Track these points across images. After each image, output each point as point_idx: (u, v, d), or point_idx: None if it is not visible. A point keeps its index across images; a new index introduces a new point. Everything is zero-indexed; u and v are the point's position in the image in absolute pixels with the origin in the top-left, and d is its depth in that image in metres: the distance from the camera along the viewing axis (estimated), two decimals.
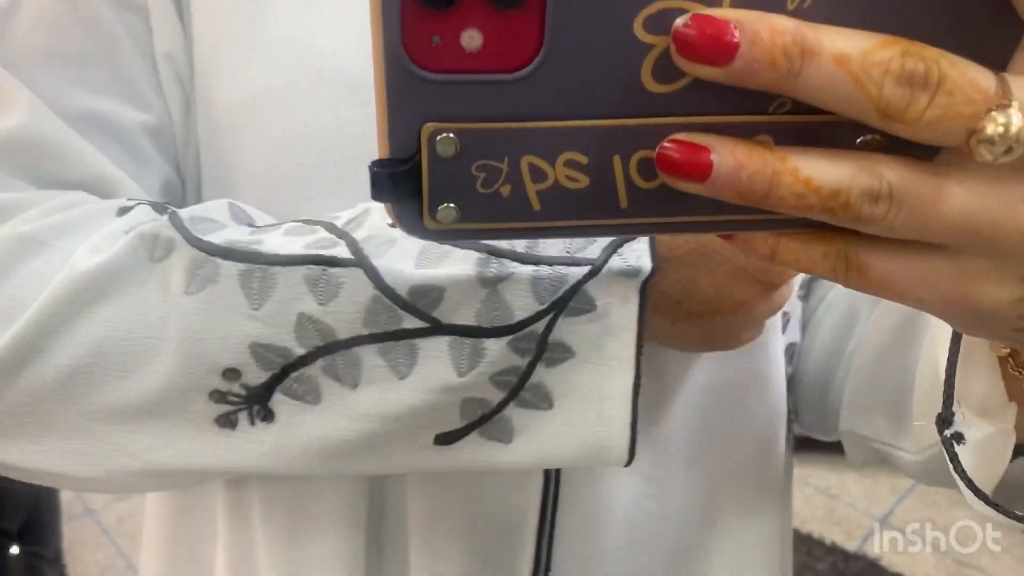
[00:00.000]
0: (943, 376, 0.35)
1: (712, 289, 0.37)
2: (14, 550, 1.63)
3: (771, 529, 0.53)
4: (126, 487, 0.38)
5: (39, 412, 0.36)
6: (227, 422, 0.37)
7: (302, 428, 0.36)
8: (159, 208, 0.39)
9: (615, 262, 0.35)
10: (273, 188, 0.43)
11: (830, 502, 2.09)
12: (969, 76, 0.20)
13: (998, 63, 0.21)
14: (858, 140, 0.22)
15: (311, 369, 0.36)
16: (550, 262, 0.35)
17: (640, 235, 0.24)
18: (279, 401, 0.36)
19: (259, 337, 0.35)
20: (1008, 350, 0.33)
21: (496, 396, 0.36)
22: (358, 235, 0.36)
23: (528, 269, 0.35)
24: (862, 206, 0.21)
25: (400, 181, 0.22)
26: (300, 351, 0.35)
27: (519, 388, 0.36)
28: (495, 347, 0.35)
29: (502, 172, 0.22)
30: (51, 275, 0.36)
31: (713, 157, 0.21)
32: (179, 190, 0.47)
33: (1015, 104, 0.20)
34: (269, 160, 0.43)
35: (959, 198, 0.22)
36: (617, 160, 0.22)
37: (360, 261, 0.35)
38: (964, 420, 0.35)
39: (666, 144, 0.22)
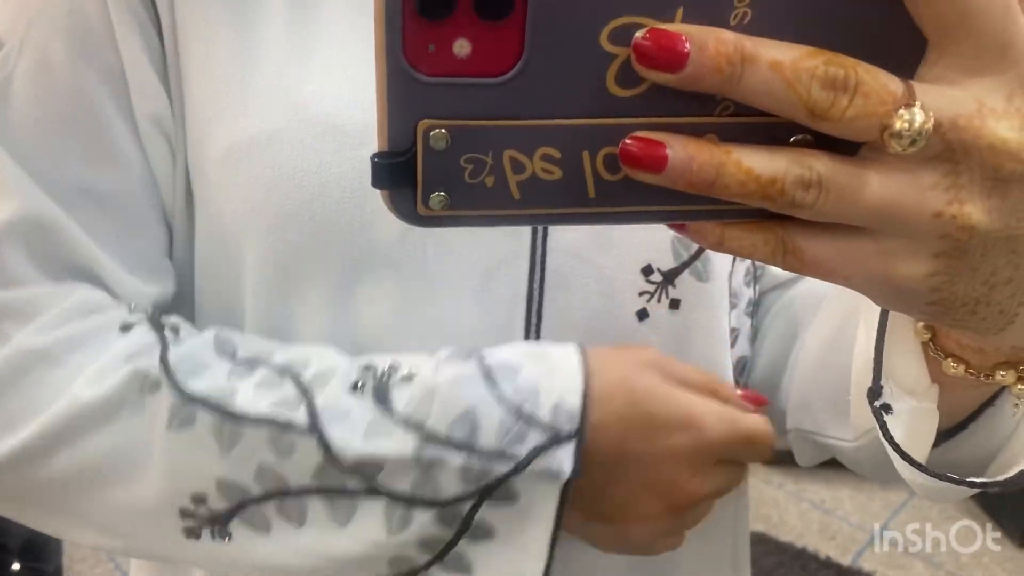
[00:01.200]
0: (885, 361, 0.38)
1: (622, 498, 0.43)
2: (15, 566, 1.64)
3: (730, 529, 0.57)
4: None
5: (44, 499, 0.45)
6: (192, 534, 0.44)
7: (254, 551, 0.44)
8: (156, 325, 0.45)
9: (540, 463, 0.40)
10: (262, 230, 0.46)
11: (825, 517, 2.11)
12: (881, 81, 0.24)
13: (907, 73, 0.25)
14: (792, 139, 0.26)
15: (264, 507, 0.43)
16: (482, 453, 0.40)
17: (606, 224, 0.27)
18: (236, 525, 0.44)
19: (224, 475, 0.42)
20: (929, 335, 0.37)
21: (422, 557, 0.43)
22: (318, 401, 0.42)
23: (460, 458, 0.41)
24: (795, 192, 0.24)
25: (397, 172, 0.25)
26: (257, 491, 0.43)
27: (443, 554, 0.42)
28: (424, 516, 0.41)
29: (487, 164, 0.25)
30: (61, 389, 0.43)
31: (668, 151, 0.24)
32: (166, 247, 0.50)
33: (918, 104, 0.24)
34: (257, 202, 0.45)
35: (877, 185, 0.25)
36: (586, 155, 0.25)
37: (314, 429, 0.41)
38: (892, 394, 0.39)
39: (628, 140, 0.25)
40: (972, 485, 0.37)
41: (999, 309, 0.28)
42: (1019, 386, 0.34)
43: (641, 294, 0.48)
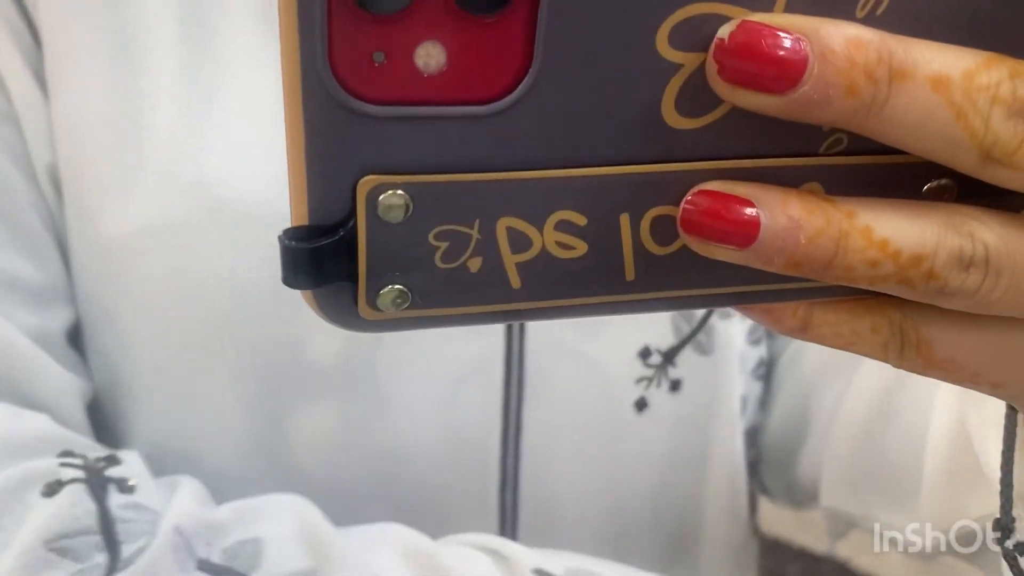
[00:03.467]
0: (986, 468, 0.29)
1: None
2: None
3: None
4: None
5: None
6: None
7: None
8: (95, 486, 0.33)
9: None
10: (160, 328, 0.39)
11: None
12: None
13: None
14: (925, 187, 0.19)
15: None
16: None
17: (644, 312, 0.19)
18: None
19: None
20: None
21: None
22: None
23: None
24: (950, 275, 0.17)
25: (325, 258, 0.17)
26: None
27: None
28: None
29: (471, 240, 0.17)
30: None
31: (759, 214, 0.17)
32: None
33: None
34: (156, 301, 0.38)
35: None
36: (625, 219, 0.18)
37: None
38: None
39: (694, 197, 0.17)
40: None
41: None
42: None
43: (639, 381, 0.41)
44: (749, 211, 0.17)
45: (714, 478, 0.45)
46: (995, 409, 0.28)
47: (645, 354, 0.41)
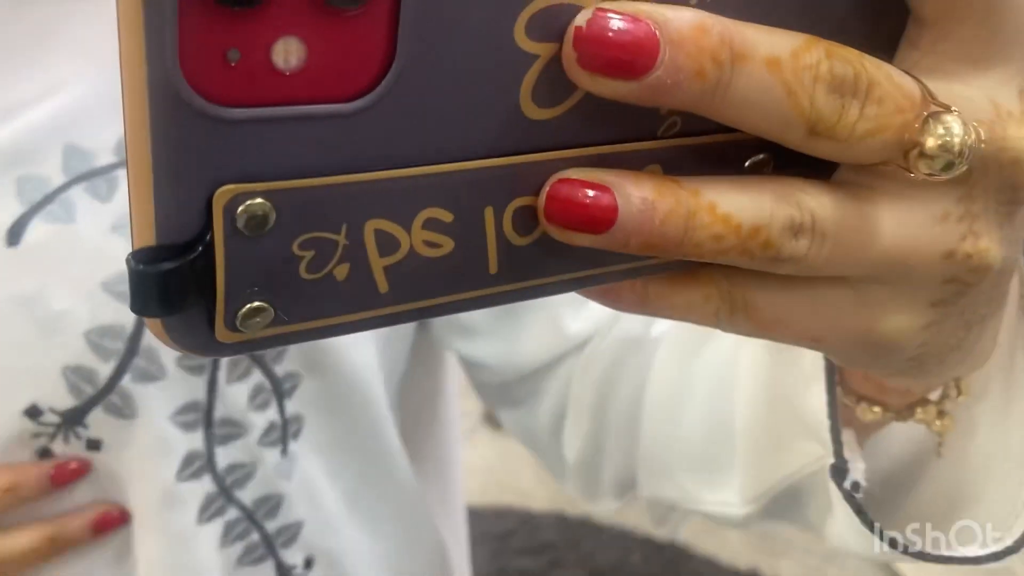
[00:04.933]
0: (808, 421, 0.32)
1: None
2: None
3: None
4: None
5: None
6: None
7: None
8: None
9: None
10: None
11: None
12: (895, 80, 0.18)
13: (885, 60, 0.19)
14: (747, 163, 0.20)
15: None
16: None
17: (504, 304, 0.19)
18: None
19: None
20: (837, 379, 0.30)
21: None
22: None
23: None
24: (784, 243, 0.18)
25: (179, 281, 0.15)
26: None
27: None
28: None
29: (338, 247, 0.17)
30: None
31: (616, 199, 0.17)
32: None
33: (954, 111, 0.18)
34: None
35: (886, 224, 0.19)
36: (490, 213, 0.18)
37: None
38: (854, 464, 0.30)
39: (555, 185, 0.18)
40: (951, 561, 0.29)
41: (965, 352, 0.23)
42: (939, 423, 0.28)
43: (36, 436, 0.39)
44: (606, 197, 0.17)
45: (154, 554, 0.41)
46: (813, 363, 0.30)
47: (34, 412, 0.38)
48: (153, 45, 0.13)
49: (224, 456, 0.41)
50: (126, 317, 0.37)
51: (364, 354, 0.44)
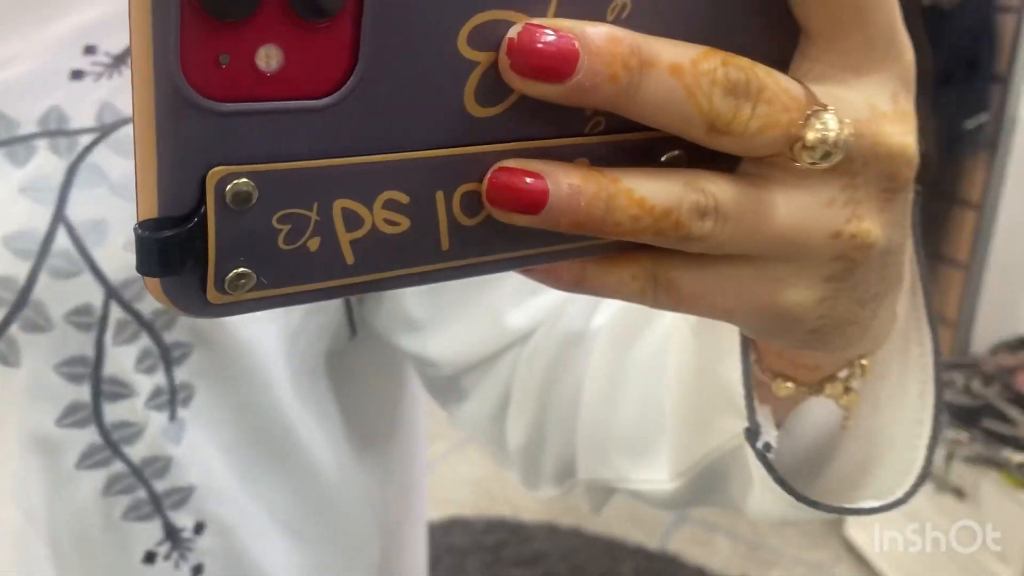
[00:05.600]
0: (727, 392, 0.34)
1: None
2: None
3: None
4: None
5: None
6: None
7: None
8: None
9: None
10: None
11: (632, 503, 2.10)
12: (783, 84, 0.21)
13: (780, 69, 0.22)
14: (663, 158, 0.23)
15: None
16: None
17: (458, 279, 0.22)
18: None
19: None
20: (755, 357, 0.33)
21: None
22: None
23: None
24: (692, 223, 0.21)
25: (176, 248, 0.18)
26: None
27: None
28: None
29: (310, 222, 0.19)
30: None
31: (547, 184, 0.20)
32: None
33: (831, 110, 0.21)
34: None
35: (781, 207, 0.22)
36: (440, 196, 0.20)
37: None
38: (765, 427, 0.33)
39: (496, 173, 0.20)
40: (854, 512, 0.33)
41: (863, 327, 0.26)
42: (845, 397, 0.31)
43: None
44: (539, 183, 0.20)
45: (32, 494, 0.43)
46: (730, 338, 0.33)
47: None
48: (159, 51, 0.16)
49: (111, 412, 0.43)
50: (21, 271, 0.39)
51: (258, 332, 0.45)
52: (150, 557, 0.45)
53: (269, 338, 0.46)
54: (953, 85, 1.89)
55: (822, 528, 2.01)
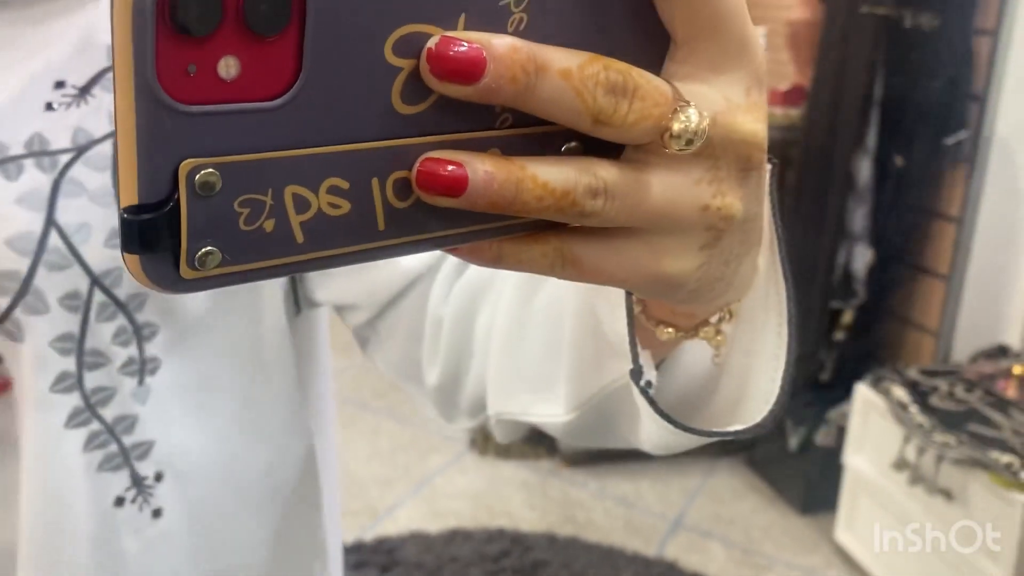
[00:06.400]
0: (614, 338, 0.38)
1: None
2: None
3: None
4: None
5: None
6: None
7: None
8: None
9: None
10: None
11: (628, 511, 2.15)
12: (654, 84, 0.25)
13: (654, 71, 0.26)
14: (563, 148, 0.26)
15: None
16: None
17: (395, 256, 0.25)
18: None
19: None
20: (641, 308, 0.37)
21: None
22: None
23: None
24: (586, 202, 0.25)
25: (154, 229, 0.21)
26: None
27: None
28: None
29: (266, 206, 0.22)
30: None
31: (466, 171, 0.24)
32: None
33: (692, 105, 0.25)
34: None
35: (657, 185, 0.26)
36: (375, 183, 0.23)
37: None
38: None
39: (423, 162, 0.24)
40: (721, 435, 0.37)
41: (728, 281, 0.31)
42: (718, 338, 0.37)
43: None
44: (459, 170, 0.23)
45: (30, 446, 0.51)
46: (616, 295, 0.37)
47: None
48: (139, 62, 0.19)
49: (91, 380, 0.51)
50: (22, 266, 0.47)
51: (215, 313, 0.54)
52: (119, 501, 0.53)
53: (224, 317, 0.54)
54: (933, 103, 1.96)
55: (813, 534, 2.07)
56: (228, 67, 0.20)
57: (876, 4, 1.93)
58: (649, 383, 0.37)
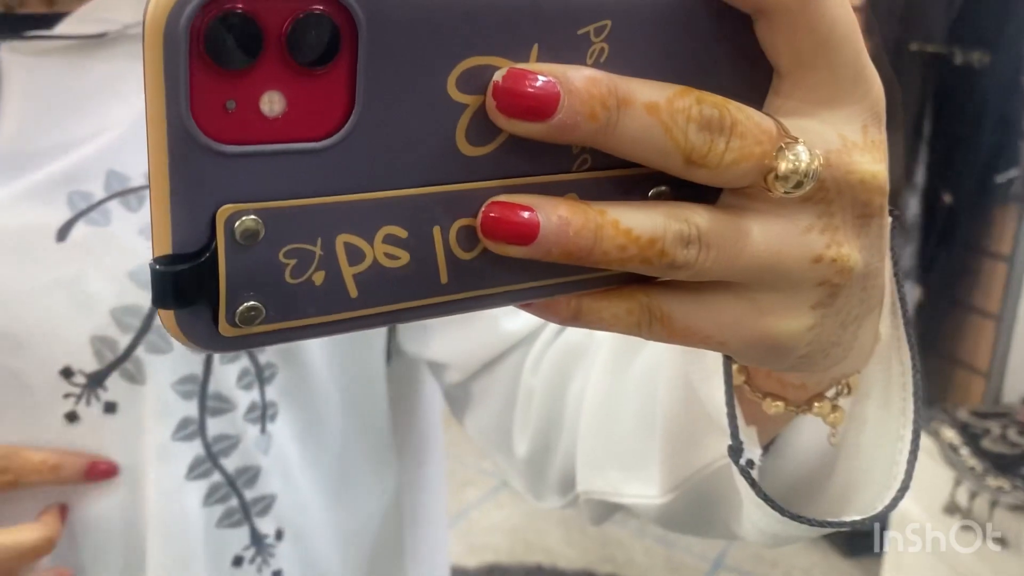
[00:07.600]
0: (713, 410, 0.35)
1: None
2: None
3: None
4: None
5: None
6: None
7: None
8: None
9: None
10: None
11: (668, 551, 2.11)
12: (755, 119, 0.22)
13: (755, 106, 0.23)
14: (650, 193, 0.24)
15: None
16: None
17: (458, 313, 0.23)
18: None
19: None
20: (744, 377, 0.33)
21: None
22: None
23: None
24: (676, 251, 0.22)
25: (191, 281, 0.19)
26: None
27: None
28: None
29: (315, 256, 0.20)
30: None
31: (538, 216, 0.21)
32: None
33: (801, 142, 0.23)
34: None
35: (758, 234, 0.23)
36: (437, 231, 0.21)
37: None
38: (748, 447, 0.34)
39: (489, 206, 0.22)
40: (836, 526, 0.33)
41: (846, 348, 0.28)
42: (832, 415, 0.32)
43: (67, 396, 0.46)
44: (530, 215, 0.21)
45: (151, 500, 0.47)
46: (713, 361, 0.34)
47: (67, 373, 0.45)
48: (171, 98, 0.17)
49: (214, 426, 0.48)
50: (145, 300, 0.45)
51: (319, 356, 0.51)
52: (238, 561, 0.49)
53: (338, 360, 0.52)
54: (984, 140, 1.94)
55: None
56: (271, 103, 0.18)
57: (926, 42, 1.91)
58: (751, 462, 0.33)
